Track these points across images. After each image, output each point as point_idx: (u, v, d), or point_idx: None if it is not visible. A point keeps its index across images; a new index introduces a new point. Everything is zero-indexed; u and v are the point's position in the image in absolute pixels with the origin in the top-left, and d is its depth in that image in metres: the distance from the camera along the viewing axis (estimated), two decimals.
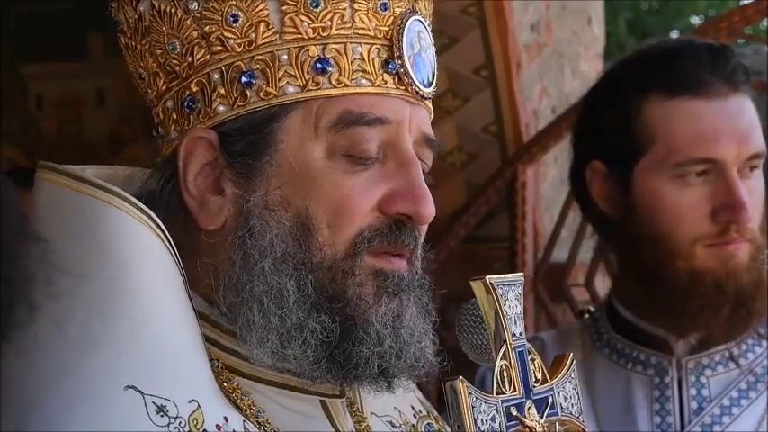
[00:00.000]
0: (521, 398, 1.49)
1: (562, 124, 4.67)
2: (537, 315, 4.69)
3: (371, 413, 1.73)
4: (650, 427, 2.38)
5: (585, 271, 4.47)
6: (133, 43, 1.65)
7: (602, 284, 4.32)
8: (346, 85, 1.56)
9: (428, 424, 1.81)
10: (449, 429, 1.82)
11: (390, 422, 1.76)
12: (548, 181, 5.21)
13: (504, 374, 1.48)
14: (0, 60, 5.39)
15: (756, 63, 4.67)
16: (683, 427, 2.37)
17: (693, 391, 2.39)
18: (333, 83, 1.55)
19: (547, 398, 1.52)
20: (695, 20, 14.01)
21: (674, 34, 12.54)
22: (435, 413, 1.85)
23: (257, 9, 1.56)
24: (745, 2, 4.90)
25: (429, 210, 1.58)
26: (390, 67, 1.58)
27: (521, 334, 1.52)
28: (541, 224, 4.99)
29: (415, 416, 1.81)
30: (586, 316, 2.60)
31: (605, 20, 6.27)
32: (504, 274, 1.53)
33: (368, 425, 1.71)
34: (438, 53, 1.70)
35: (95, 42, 5.47)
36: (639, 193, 2.36)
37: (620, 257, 2.53)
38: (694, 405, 2.38)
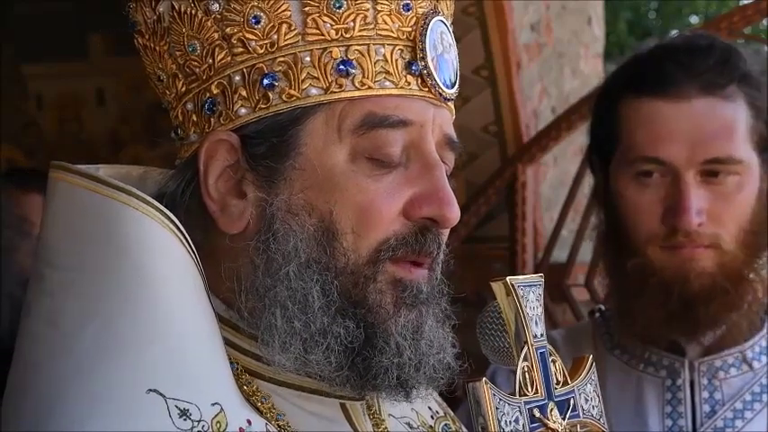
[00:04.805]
0: (543, 399, 1.48)
1: (562, 124, 4.68)
2: None
3: (389, 415, 1.72)
4: (662, 429, 2.36)
5: (585, 271, 4.48)
6: (151, 44, 1.63)
7: (603, 284, 4.33)
8: (370, 87, 1.54)
9: (445, 425, 1.80)
10: (465, 430, 1.81)
11: (408, 424, 1.75)
12: (548, 181, 5.21)
13: (527, 376, 1.47)
14: (0, 60, 5.38)
15: (756, 63, 4.66)
16: (694, 430, 2.35)
17: (706, 394, 2.37)
18: (356, 85, 1.54)
19: (568, 400, 1.52)
20: (695, 20, 14.05)
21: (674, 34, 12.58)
22: (452, 414, 1.84)
23: (279, 10, 1.54)
24: (745, 2, 4.90)
25: (454, 213, 1.56)
26: (414, 68, 1.57)
27: (542, 335, 1.51)
28: (541, 224, 4.99)
29: (432, 417, 1.79)
30: (597, 315, 2.59)
31: (605, 20, 6.27)
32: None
33: (386, 427, 1.70)
34: None
35: (95, 42, 5.47)
36: (612, 191, 2.39)
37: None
38: (707, 408, 2.36)
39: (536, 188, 4.92)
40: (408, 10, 1.58)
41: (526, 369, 1.47)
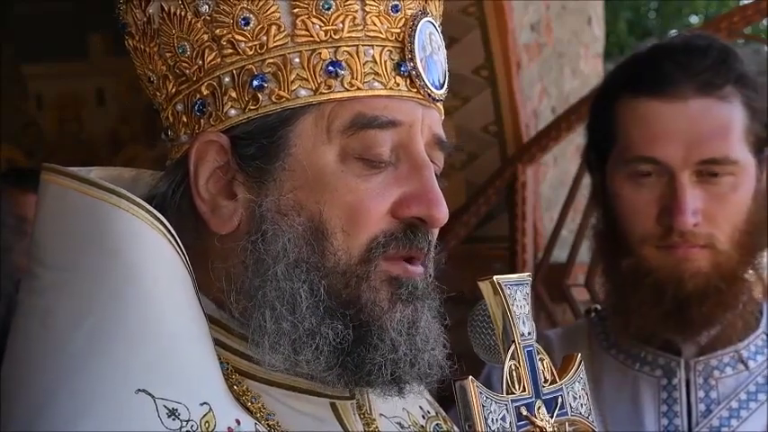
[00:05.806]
0: (530, 398, 1.48)
1: (562, 124, 4.69)
2: (537, 315, 4.69)
3: (380, 414, 1.72)
4: (657, 428, 2.36)
5: (585, 271, 4.48)
6: (142, 46, 1.63)
7: (603, 284, 4.33)
8: (358, 88, 1.55)
9: (437, 425, 1.80)
10: (457, 429, 1.82)
11: (399, 423, 1.75)
12: (548, 181, 5.22)
13: (514, 374, 1.47)
14: (0, 60, 5.40)
15: (756, 63, 4.67)
16: (690, 429, 2.35)
17: (701, 393, 2.38)
18: (345, 86, 1.54)
19: (556, 398, 1.52)
20: (695, 20, 14.07)
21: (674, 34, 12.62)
22: (444, 414, 1.84)
23: (269, 12, 1.55)
24: (745, 2, 4.91)
25: (442, 213, 1.57)
26: (402, 69, 1.58)
27: (529, 334, 1.51)
28: (541, 224, 5.00)
29: (423, 416, 1.80)
30: (593, 315, 2.60)
31: (605, 20, 6.28)
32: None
33: (377, 426, 1.70)
34: None
35: (95, 42, 5.48)
36: (608, 191, 2.40)
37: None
38: (702, 407, 2.37)
39: (536, 188, 4.93)
40: (397, 11, 1.59)
41: (513, 367, 1.47)
